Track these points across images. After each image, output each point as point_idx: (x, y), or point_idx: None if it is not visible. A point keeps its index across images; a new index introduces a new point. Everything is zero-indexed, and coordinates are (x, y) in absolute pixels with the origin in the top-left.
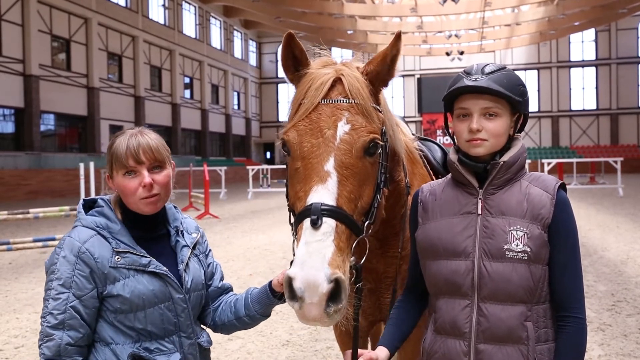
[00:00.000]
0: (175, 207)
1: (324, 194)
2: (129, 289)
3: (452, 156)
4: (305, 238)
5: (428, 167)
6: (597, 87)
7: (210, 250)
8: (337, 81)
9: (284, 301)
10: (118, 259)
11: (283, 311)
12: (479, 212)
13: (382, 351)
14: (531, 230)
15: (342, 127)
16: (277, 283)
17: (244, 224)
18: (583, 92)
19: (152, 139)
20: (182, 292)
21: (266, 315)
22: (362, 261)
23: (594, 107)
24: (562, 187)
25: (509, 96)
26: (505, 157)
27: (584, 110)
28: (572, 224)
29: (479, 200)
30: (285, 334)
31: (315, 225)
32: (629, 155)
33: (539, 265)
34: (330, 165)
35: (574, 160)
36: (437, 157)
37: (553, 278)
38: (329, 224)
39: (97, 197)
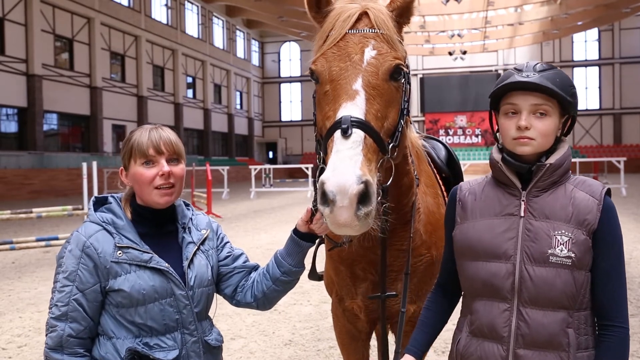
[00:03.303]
0: (187, 204)
1: (353, 108)
2: (130, 283)
3: (496, 155)
4: (337, 147)
5: (432, 165)
6: (600, 87)
7: (227, 242)
8: (364, 14)
9: (313, 242)
10: (120, 254)
11: (286, 311)
12: (522, 214)
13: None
14: (576, 236)
15: (369, 53)
16: (301, 223)
17: (247, 223)
18: (586, 91)
19: (171, 134)
20: (184, 288)
21: (300, 266)
22: (388, 183)
23: (597, 107)
24: (608, 192)
25: (561, 95)
26: (552, 160)
27: (587, 110)
28: (618, 231)
29: (522, 202)
30: (288, 333)
31: (345, 134)
32: (632, 155)
33: (582, 271)
34: (358, 84)
35: (577, 160)
36: (441, 156)
37: (596, 286)
38: (358, 134)
39: (108, 194)
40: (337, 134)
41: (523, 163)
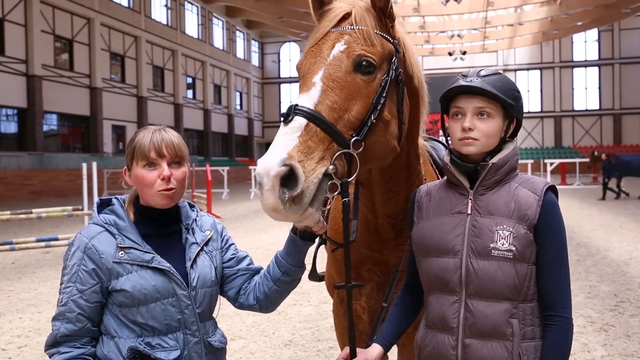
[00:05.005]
0: (191, 205)
1: (303, 98)
2: (131, 283)
3: (446, 158)
4: (277, 133)
5: (434, 165)
6: (600, 87)
7: (232, 244)
8: (350, 13)
9: (313, 241)
10: (122, 254)
11: (285, 311)
12: (469, 211)
13: (375, 349)
14: (517, 230)
15: (338, 47)
16: None
17: (247, 223)
18: (586, 92)
19: (174, 136)
20: (186, 288)
21: (300, 266)
22: (352, 179)
23: (597, 107)
24: (552, 189)
25: (501, 98)
26: (495, 159)
27: (586, 110)
28: (559, 225)
29: (469, 201)
30: (288, 334)
31: (285, 120)
32: None
33: (525, 264)
34: (317, 77)
35: (577, 160)
36: (442, 157)
37: (539, 277)
38: (298, 121)
39: (112, 196)
40: (282, 122)
41: (469, 163)
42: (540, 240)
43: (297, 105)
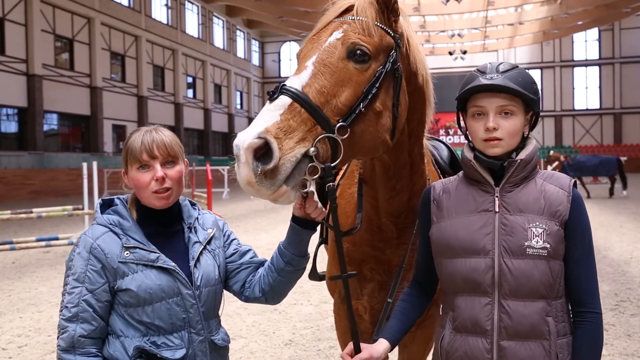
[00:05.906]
0: (193, 203)
1: (293, 80)
2: (137, 283)
3: (468, 154)
4: (261, 109)
5: (436, 165)
6: (600, 87)
7: (234, 239)
8: (354, 5)
9: (314, 229)
10: (127, 254)
11: (286, 311)
12: (497, 209)
13: (381, 344)
14: (550, 227)
15: (335, 35)
16: (297, 207)
17: (247, 223)
18: (586, 91)
19: (166, 135)
20: (191, 287)
21: (303, 254)
22: (335, 164)
23: (597, 107)
24: (574, 185)
25: (525, 94)
26: (522, 155)
27: (587, 109)
28: (587, 221)
29: (496, 198)
30: (288, 333)
31: (270, 98)
32: (632, 155)
33: (557, 261)
34: (310, 61)
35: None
36: (444, 156)
37: (570, 274)
38: (282, 99)
39: (114, 197)
40: (268, 100)
41: (494, 159)
42: (570, 237)
43: (284, 84)
